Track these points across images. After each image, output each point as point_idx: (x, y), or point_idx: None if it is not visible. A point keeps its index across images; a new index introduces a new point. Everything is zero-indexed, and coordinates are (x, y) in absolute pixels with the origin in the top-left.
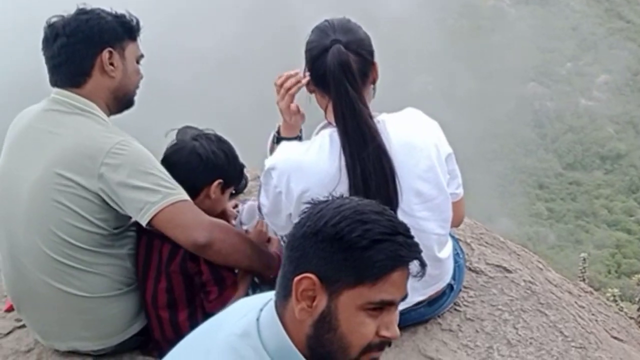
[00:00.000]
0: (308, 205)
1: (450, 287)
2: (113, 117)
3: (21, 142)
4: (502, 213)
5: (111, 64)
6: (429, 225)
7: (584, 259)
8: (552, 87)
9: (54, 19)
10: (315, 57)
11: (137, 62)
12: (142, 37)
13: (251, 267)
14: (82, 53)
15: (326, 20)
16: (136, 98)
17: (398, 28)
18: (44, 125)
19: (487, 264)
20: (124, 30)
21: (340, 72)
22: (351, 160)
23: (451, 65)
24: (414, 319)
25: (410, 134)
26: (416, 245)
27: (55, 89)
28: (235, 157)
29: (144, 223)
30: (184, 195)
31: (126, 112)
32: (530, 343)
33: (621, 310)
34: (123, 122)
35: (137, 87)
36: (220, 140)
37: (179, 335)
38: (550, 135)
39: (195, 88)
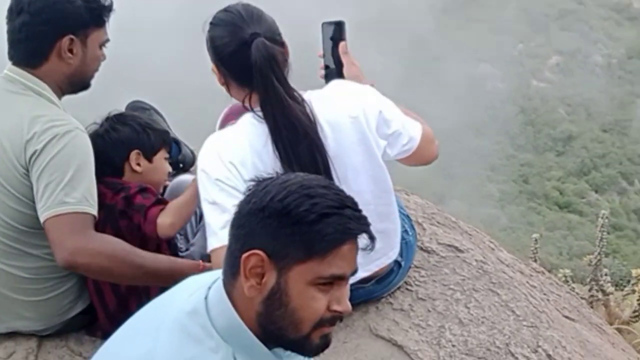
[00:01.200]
0: (252, 183)
1: (398, 264)
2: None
3: None
4: (453, 195)
5: (70, 50)
6: (366, 197)
7: (536, 240)
8: (503, 68)
9: None
10: (233, 53)
11: (101, 47)
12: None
13: (134, 282)
14: (42, 35)
15: (227, 11)
16: (93, 81)
17: (353, 5)
18: None
19: (439, 243)
20: (91, 17)
21: (267, 67)
22: (286, 157)
23: (401, 45)
24: (362, 297)
25: (335, 111)
26: (364, 218)
27: (10, 66)
28: (147, 125)
29: (42, 220)
30: (80, 208)
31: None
32: (482, 322)
33: (573, 291)
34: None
35: (95, 71)
36: (122, 115)
37: (123, 307)
38: (501, 116)
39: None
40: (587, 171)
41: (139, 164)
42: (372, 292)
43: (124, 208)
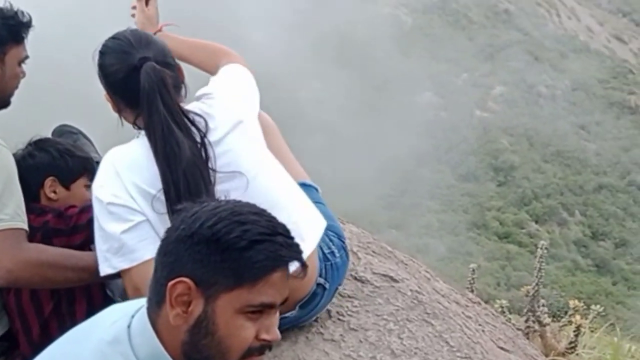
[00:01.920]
0: (181, 209)
1: (321, 287)
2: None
3: None
4: (391, 224)
5: None
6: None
7: (473, 270)
8: (447, 97)
9: None
10: (122, 80)
11: (20, 64)
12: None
13: (79, 283)
14: None
15: (115, 38)
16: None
17: (289, 33)
18: None
19: (374, 273)
20: (9, 34)
21: (155, 91)
22: (164, 178)
23: (344, 72)
24: (287, 324)
25: (225, 117)
26: (297, 245)
27: None
28: (66, 151)
29: None
30: (12, 224)
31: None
32: (415, 353)
33: (509, 321)
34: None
35: (15, 88)
36: (42, 140)
37: (45, 332)
38: (443, 146)
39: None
40: (527, 201)
41: (54, 192)
42: (297, 319)
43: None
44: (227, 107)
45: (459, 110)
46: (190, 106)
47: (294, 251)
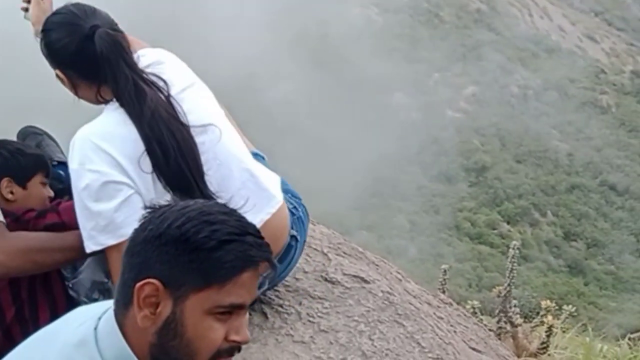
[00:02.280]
0: (149, 210)
1: (294, 239)
2: None
3: None
4: (362, 226)
5: None
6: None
7: (445, 271)
8: (418, 97)
9: None
10: (76, 51)
11: None
12: None
13: (67, 263)
14: None
15: (58, 13)
16: None
17: (259, 32)
18: None
19: (344, 274)
20: None
21: (116, 54)
22: (145, 137)
23: (314, 73)
24: (269, 283)
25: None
26: (267, 245)
27: None
28: (17, 150)
29: None
30: None
31: None
32: (386, 354)
33: (481, 322)
34: None
35: None
36: None
37: (8, 338)
38: (414, 146)
39: None
40: (499, 202)
41: (11, 192)
42: (279, 274)
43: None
44: (179, 71)
45: (430, 110)
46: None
47: (264, 251)
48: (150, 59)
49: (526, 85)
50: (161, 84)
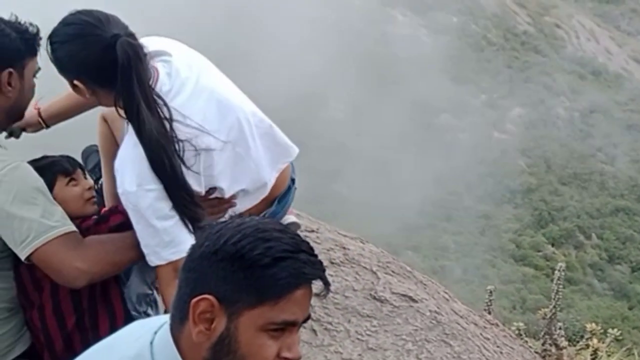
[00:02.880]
0: (205, 226)
1: (292, 181)
2: None
3: None
4: (407, 246)
5: (9, 83)
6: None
7: (490, 292)
8: (465, 119)
9: None
10: (97, 62)
11: (34, 76)
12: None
13: (138, 260)
14: None
15: (71, 24)
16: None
17: (309, 53)
18: None
19: (393, 293)
20: (26, 48)
21: (132, 67)
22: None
23: (363, 93)
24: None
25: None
26: (320, 263)
27: None
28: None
29: (22, 258)
30: (65, 228)
31: None
32: None
33: (526, 344)
34: None
35: (30, 100)
36: None
37: (68, 346)
38: (461, 167)
39: None
40: (544, 224)
41: None
42: (274, 214)
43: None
44: (184, 61)
45: (477, 131)
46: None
47: (317, 269)
48: (154, 47)
49: (572, 108)
50: (160, 102)
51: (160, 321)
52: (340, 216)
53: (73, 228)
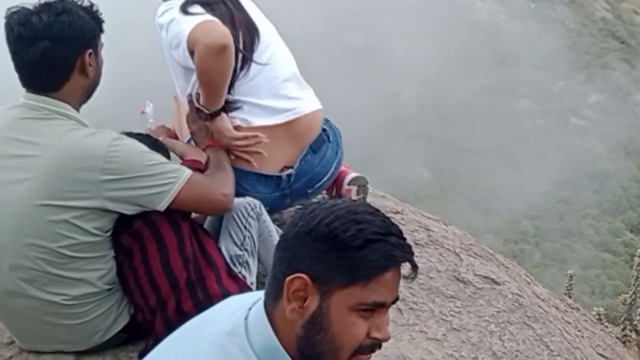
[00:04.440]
0: (300, 206)
1: (326, 135)
2: None
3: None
4: (487, 230)
5: (89, 63)
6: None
7: (571, 276)
8: (543, 104)
9: (28, 17)
10: None
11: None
12: None
13: None
14: (65, 57)
15: None
16: None
17: (390, 40)
18: (21, 135)
19: (475, 274)
20: (99, 27)
21: None
22: None
23: (443, 79)
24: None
25: None
26: (409, 246)
27: (27, 94)
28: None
29: (162, 208)
30: (185, 171)
31: None
32: (516, 356)
33: (606, 329)
34: None
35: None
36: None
37: (179, 309)
38: (539, 153)
39: None
40: (622, 210)
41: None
42: (312, 165)
43: None
44: None
45: (555, 117)
46: None
47: (406, 252)
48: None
49: None
50: None
51: (254, 298)
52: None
53: (190, 170)
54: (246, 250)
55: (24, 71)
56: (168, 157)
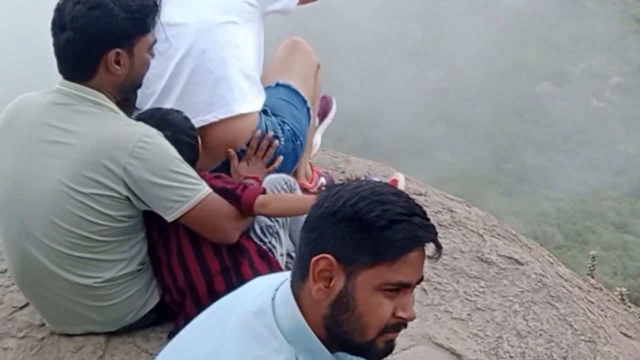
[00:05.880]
0: (325, 188)
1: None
2: None
3: (32, 136)
4: (510, 211)
5: (117, 62)
6: None
7: (593, 257)
8: (564, 87)
9: (66, 5)
10: None
11: (149, 50)
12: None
13: None
14: (88, 51)
15: None
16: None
17: (410, 24)
18: (55, 121)
19: (499, 255)
20: (135, 27)
21: None
22: None
23: (464, 62)
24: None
25: None
26: (432, 227)
27: (62, 80)
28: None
29: (170, 220)
30: (206, 188)
31: None
32: (540, 335)
33: (629, 309)
34: None
35: (145, 73)
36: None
37: (212, 290)
38: (560, 135)
39: None
40: None
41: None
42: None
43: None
44: None
45: (576, 99)
46: None
47: (430, 232)
48: None
49: None
50: None
51: (281, 278)
52: (444, 182)
53: (210, 190)
54: (277, 221)
55: (56, 57)
56: (194, 152)
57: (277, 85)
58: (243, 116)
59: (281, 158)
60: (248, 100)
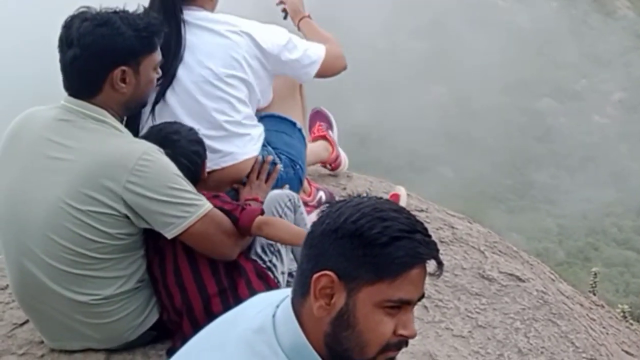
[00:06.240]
0: (326, 205)
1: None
2: None
3: (34, 151)
4: (511, 228)
5: (123, 80)
6: None
7: (595, 274)
8: (565, 103)
9: (74, 22)
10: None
11: (155, 69)
12: None
13: None
14: (94, 69)
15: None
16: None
17: (413, 40)
18: (57, 137)
19: (500, 272)
20: (142, 45)
21: None
22: None
23: (467, 78)
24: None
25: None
26: (434, 243)
27: (67, 97)
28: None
29: (170, 237)
30: (207, 205)
31: None
32: (542, 352)
33: (631, 326)
34: None
35: (151, 92)
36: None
37: (208, 310)
38: (562, 151)
39: None
40: None
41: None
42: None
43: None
44: None
45: (577, 115)
46: None
47: (432, 249)
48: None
49: None
50: None
51: (282, 295)
52: (446, 198)
53: (211, 205)
54: None
55: (62, 73)
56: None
57: (262, 118)
58: (247, 159)
59: (280, 166)
60: (252, 144)
